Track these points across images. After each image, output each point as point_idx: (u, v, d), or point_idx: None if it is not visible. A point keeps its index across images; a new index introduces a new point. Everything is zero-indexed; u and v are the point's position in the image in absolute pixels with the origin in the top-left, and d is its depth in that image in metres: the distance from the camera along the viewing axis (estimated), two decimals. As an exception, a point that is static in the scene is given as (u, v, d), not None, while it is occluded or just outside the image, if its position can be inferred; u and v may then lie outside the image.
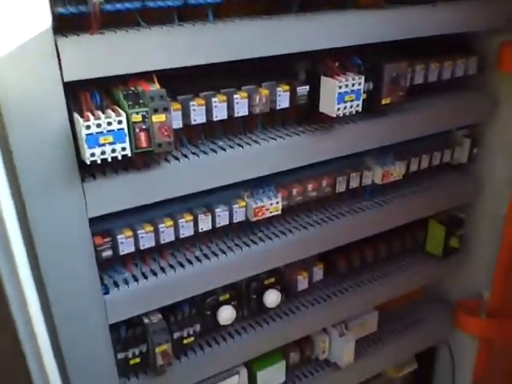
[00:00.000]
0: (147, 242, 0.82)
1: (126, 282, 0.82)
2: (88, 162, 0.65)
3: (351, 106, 0.85)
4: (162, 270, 0.86)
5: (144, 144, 0.69)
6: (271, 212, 0.91)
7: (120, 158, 0.67)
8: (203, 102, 0.78)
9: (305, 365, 1.18)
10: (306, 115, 0.91)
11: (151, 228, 0.81)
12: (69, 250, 0.73)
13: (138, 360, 0.87)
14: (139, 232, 0.80)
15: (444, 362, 1.46)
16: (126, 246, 0.80)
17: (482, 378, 1.40)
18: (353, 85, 0.83)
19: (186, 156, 0.79)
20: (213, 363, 0.97)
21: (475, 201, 1.24)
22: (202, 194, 0.87)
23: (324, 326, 1.13)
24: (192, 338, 0.92)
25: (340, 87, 0.82)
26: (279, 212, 0.92)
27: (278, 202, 0.91)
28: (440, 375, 1.51)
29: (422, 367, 1.41)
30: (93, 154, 0.65)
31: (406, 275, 1.20)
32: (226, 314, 0.94)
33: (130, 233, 0.80)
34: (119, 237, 0.79)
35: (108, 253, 0.79)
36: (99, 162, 0.66)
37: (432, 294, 1.44)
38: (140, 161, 0.74)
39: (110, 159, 0.66)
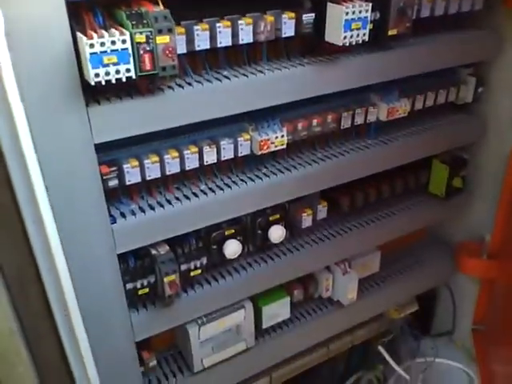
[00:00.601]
0: (153, 172, 0.82)
1: (133, 213, 0.83)
2: (92, 83, 0.65)
3: (358, 35, 0.83)
4: (169, 202, 0.86)
5: (148, 67, 0.68)
6: (276, 146, 0.90)
7: (124, 79, 0.66)
8: (207, 26, 0.76)
9: (308, 303, 1.21)
10: (312, 46, 0.89)
11: (157, 158, 0.81)
12: (76, 177, 0.73)
13: (146, 290, 0.88)
14: (145, 162, 0.80)
15: (445, 304, 1.49)
16: (132, 176, 0.80)
17: (482, 320, 1.43)
18: (360, 12, 0.82)
19: (189, 84, 0.78)
20: (219, 297, 0.98)
21: (479, 141, 1.24)
22: (206, 126, 0.88)
23: (328, 264, 1.14)
24: (199, 271, 0.93)
25: (347, 13, 0.80)
26: (284, 146, 0.91)
27: (283, 136, 0.90)
28: (440, 317, 1.54)
29: (423, 309, 1.44)
30: (97, 75, 0.64)
31: (409, 215, 1.21)
32: (232, 248, 0.95)
33: (135, 162, 0.80)
34: (125, 166, 0.79)
35: (114, 182, 0.79)
36: (104, 83, 0.65)
37: (434, 236, 1.46)
38: (144, 86, 0.73)
39: (114, 80, 0.66)
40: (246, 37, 0.79)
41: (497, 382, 1.32)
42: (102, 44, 0.63)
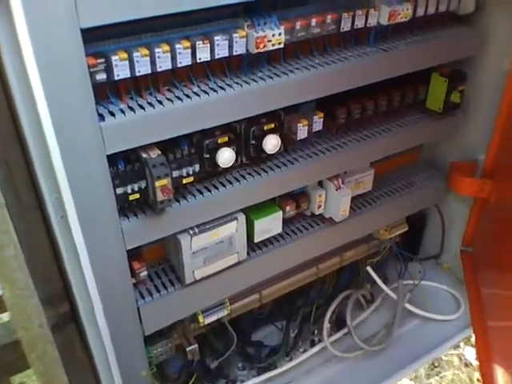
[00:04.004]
0: (143, 67, 0.76)
1: (123, 112, 0.78)
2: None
3: None
4: (160, 102, 0.81)
5: None
6: (273, 44, 0.85)
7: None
8: None
9: (300, 220, 1.19)
10: None
11: (147, 52, 0.75)
12: (62, 69, 0.67)
13: (137, 196, 0.85)
14: (135, 55, 0.75)
15: (434, 226, 1.49)
16: (120, 70, 0.74)
17: (471, 242, 1.45)
18: None
19: (183, -34, 0.72)
20: (212, 207, 0.96)
21: (479, 55, 1.20)
22: (200, 22, 0.82)
23: (321, 178, 1.12)
24: (191, 178, 0.90)
25: None
26: (281, 45, 0.86)
27: (280, 34, 0.85)
28: (429, 240, 1.55)
29: (413, 230, 1.44)
30: None
31: (405, 131, 1.18)
32: (226, 156, 0.91)
33: (124, 55, 0.74)
34: (113, 58, 0.73)
35: (102, 76, 0.74)
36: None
37: (427, 160, 1.44)
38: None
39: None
40: None
41: (484, 303, 1.35)
42: None
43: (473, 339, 2.02)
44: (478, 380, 2.03)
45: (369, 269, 1.38)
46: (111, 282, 0.88)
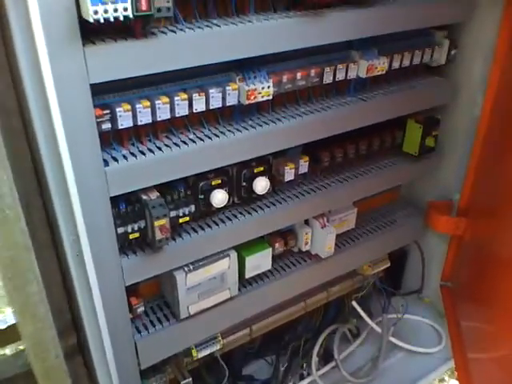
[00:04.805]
0: (144, 117, 0.84)
1: (125, 158, 0.85)
2: (91, 20, 0.66)
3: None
4: (159, 148, 0.89)
5: (144, 7, 0.70)
6: (263, 96, 0.94)
7: (122, 18, 0.68)
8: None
9: (288, 256, 1.25)
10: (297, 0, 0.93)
11: (148, 103, 0.83)
12: (73, 118, 0.74)
13: (137, 235, 0.91)
14: (137, 106, 0.82)
15: (415, 262, 1.57)
16: (124, 120, 0.82)
17: (450, 277, 1.51)
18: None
19: (182, 30, 0.81)
20: (205, 245, 1.02)
21: (451, 103, 1.30)
22: (196, 75, 0.90)
23: (307, 217, 1.19)
24: (187, 218, 0.96)
25: None
26: (270, 97, 0.95)
27: (269, 87, 0.94)
28: (410, 276, 1.62)
29: (395, 266, 1.51)
30: (96, 12, 0.66)
31: (384, 173, 1.26)
32: (219, 197, 0.98)
33: (128, 107, 0.82)
34: (118, 109, 0.81)
35: (107, 125, 0.81)
36: (102, 20, 0.67)
37: (406, 199, 1.53)
38: (138, 29, 0.75)
39: (112, 19, 0.68)
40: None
41: (464, 336, 1.41)
42: (102, -19, 0.65)
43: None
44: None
45: (354, 303, 1.44)
46: (113, 317, 0.93)
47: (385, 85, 1.19)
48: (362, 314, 1.42)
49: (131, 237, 0.91)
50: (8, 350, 1.23)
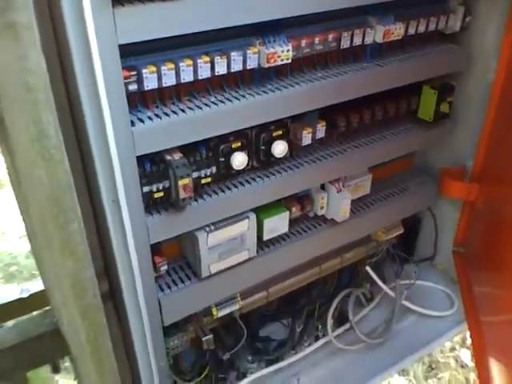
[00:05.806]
0: (169, 79, 0.87)
1: (150, 119, 0.89)
2: (121, -19, 0.69)
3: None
4: (182, 111, 0.92)
5: (171, -31, 0.73)
6: (282, 60, 0.96)
7: (150, -21, 0.71)
8: None
9: (304, 221, 1.29)
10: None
11: (172, 66, 0.86)
12: (102, 78, 0.77)
13: (161, 194, 0.94)
14: (162, 68, 0.85)
15: (428, 228, 1.59)
16: (149, 81, 0.85)
17: (462, 243, 1.54)
18: None
19: (205, -8, 0.83)
20: (226, 207, 1.05)
21: (466, 69, 1.32)
22: (217, 40, 0.93)
23: (324, 181, 1.22)
24: (209, 179, 1.00)
25: None
26: (289, 61, 0.97)
27: (288, 50, 0.96)
28: (423, 243, 1.65)
29: (408, 233, 1.54)
30: (126, -27, 0.69)
31: (399, 139, 1.29)
32: (239, 159, 1.02)
33: (153, 69, 0.85)
34: (144, 71, 0.84)
35: (134, 86, 0.84)
36: (131, -19, 0.70)
37: (419, 167, 1.55)
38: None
39: (141, -21, 0.70)
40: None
41: (476, 300, 1.44)
42: None
43: (467, 341, 2.12)
44: (474, 381, 2.11)
45: (368, 269, 1.47)
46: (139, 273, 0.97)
47: (400, 51, 1.20)
48: (376, 278, 1.46)
49: (156, 196, 0.94)
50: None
